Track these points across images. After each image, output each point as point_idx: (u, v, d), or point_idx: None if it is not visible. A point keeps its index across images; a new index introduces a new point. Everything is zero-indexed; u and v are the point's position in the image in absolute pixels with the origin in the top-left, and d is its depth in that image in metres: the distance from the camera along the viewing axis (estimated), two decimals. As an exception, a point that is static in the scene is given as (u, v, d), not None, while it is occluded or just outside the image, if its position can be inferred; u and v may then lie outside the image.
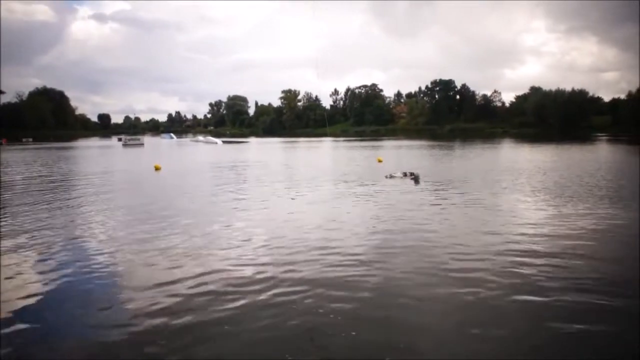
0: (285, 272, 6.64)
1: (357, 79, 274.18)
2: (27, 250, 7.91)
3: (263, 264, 7.00)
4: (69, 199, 13.88)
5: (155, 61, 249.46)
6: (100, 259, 7.39)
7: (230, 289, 5.97)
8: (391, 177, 17.61)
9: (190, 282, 6.21)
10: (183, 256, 7.44)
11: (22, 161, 31.67)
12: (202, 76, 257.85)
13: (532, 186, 15.28)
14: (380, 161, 26.59)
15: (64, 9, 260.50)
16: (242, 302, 5.53)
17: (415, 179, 16.81)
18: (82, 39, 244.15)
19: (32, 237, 8.89)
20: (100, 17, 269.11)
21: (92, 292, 5.97)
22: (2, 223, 10.17)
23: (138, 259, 7.36)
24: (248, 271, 6.68)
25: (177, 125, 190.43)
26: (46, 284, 6.29)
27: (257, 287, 6.04)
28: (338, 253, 7.51)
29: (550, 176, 18.04)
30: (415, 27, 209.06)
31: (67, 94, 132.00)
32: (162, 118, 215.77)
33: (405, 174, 17.52)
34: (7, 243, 8.42)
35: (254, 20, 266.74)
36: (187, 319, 5.07)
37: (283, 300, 5.60)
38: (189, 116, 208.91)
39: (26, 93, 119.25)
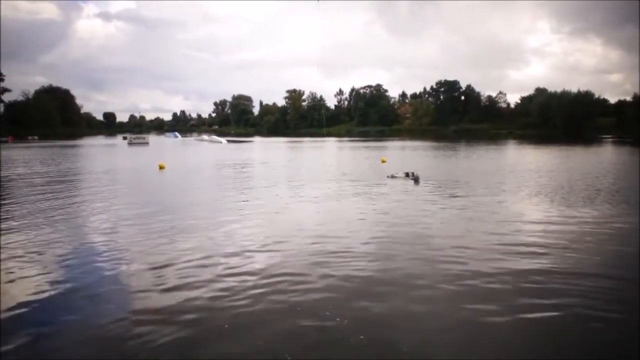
0: (287, 269, 6.73)
1: (360, 78, 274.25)
2: (28, 248, 7.94)
3: (264, 263, 7.08)
4: (73, 197, 14.04)
5: (159, 60, 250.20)
6: (102, 257, 7.45)
7: (231, 288, 6.02)
8: (393, 177, 17.71)
9: (192, 281, 6.27)
10: (184, 255, 7.52)
11: (29, 159, 31.90)
12: (206, 75, 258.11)
13: (532, 188, 15.30)
14: (383, 161, 26.65)
15: (70, 7, 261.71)
16: (243, 301, 5.57)
17: (415, 179, 16.90)
18: (87, 38, 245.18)
19: (34, 234, 8.96)
20: (105, 16, 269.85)
21: (93, 290, 5.99)
22: (4, 221, 10.22)
23: (140, 256, 7.44)
24: (249, 270, 6.76)
25: (182, 124, 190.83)
26: (46, 282, 6.29)
27: (258, 285, 6.11)
28: (339, 252, 7.59)
29: (552, 178, 18.04)
30: (419, 26, 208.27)
31: (72, 92, 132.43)
32: (167, 117, 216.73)
33: (407, 174, 17.58)
34: (8, 241, 8.44)
35: (257, 20, 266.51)
36: (188, 318, 5.11)
37: (285, 299, 5.65)
38: (194, 115, 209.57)
39: (32, 91, 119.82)
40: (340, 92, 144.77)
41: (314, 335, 4.72)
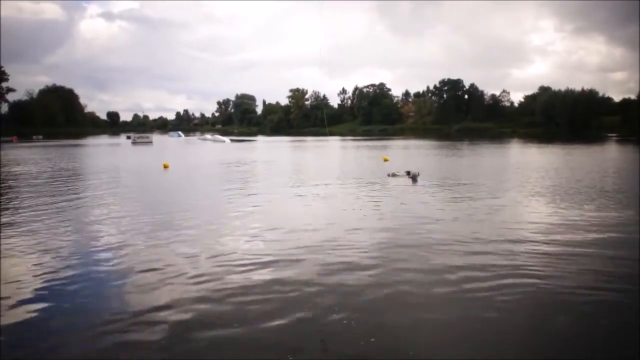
0: (288, 268, 6.82)
1: (363, 78, 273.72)
2: (29, 248, 7.96)
3: (265, 262, 7.13)
4: (76, 196, 14.16)
5: (162, 59, 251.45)
6: (104, 257, 7.49)
7: (232, 287, 6.06)
8: (393, 175, 17.83)
9: (193, 279, 6.32)
10: (186, 253, 7.58)
11: (35, 158, 32.07)
12: (209, 75, 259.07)
13: (535, 187, 15.31)
14: (386, 160, 26.71)
15: (73, 8, 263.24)
16: (243, 300, 5.60)
17: (413, 177, 17.01)
18: (90, 38, 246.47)
19: (35, 234, 8.99)
20: (108, 16, 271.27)
21: (94, 290, 6.02)
22: (4, 220, 10.26)
23: (142, 255, 7.49)
24: (250, 269, 6.82)
25: (185, 124, 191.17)
26: (47, 281, 6.31)
27: (259, 284, 6.16)
28: (340, 250, 7.67)
29: (553, 177, 18.05)
30: (421, 26, 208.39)
31: (76, 91, 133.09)
32: (170, 116, 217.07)
33: (408, 173, 17.67)
34: (9, 241, 8.45)
35: (260, 19, 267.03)
36: (189, 316, 5.14)
37: (285, 299, 5.69)
38: (197, 114, 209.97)
39: (36, 91, 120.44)
40: (344, 91, 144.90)
41: (318, 335, 4.74)
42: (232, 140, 64.88)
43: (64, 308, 5.50)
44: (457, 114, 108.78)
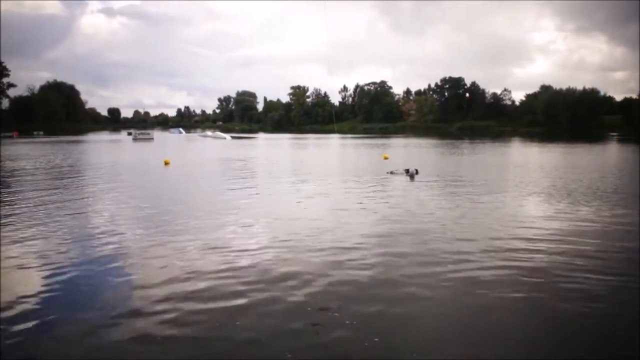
0: (287, 266, 6.80)
1: (364, 76, 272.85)
2: (29, 247, 7.89)
3: (265, 260, 7.12)
4: (77, 193, 14.17)
5: (163, 56, 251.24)
6: (105, 255, 7.43)
7: (232, 285, 6.03)
8: (392, 173, 17.90)
9: (193, 277, 6.30)
10: (187, 251, 7.56)
11: (35, 154, 32.08)
12: (210, 71, 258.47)
13: (534, 186, 15.29)
14: (386, 158, 26.73)
15: (73, 3, 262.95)
16: (243, 298, 5.57)
17: (411, 176, 17.11)
18: (90, 33, 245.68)
19: (36, 232, 8.92)
20: (108, 12, 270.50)
21: (94, 289, 5.99)
22: (4, 218, 10.17)
23: (142, 255, 7.44)
24: (250, 267, 6.81)
25: (186, 120, 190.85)
26: (47, 279, 6.27)
27: (258, 282, 6.14)
28: (339, 249, 7.65)
29: (553, 176, 18.03)
30: (423, 24, 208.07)
31: (77, 87, 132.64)
32: (171, 113, 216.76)
33: (407, 171, 17.72)
34: (9, 239, 8.36)
35: (261, 17, 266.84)
36: (188, 315, 5.11)
37: (285, 297, 5.67)
38: (198, 111, 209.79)
39: (37, 87, 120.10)
40: (345, 89, 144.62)
41: (317, 334, 4.73)
42: (233, 137, 64.90)
43: (61, 304, 5.49)
44: (458, 113, 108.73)
